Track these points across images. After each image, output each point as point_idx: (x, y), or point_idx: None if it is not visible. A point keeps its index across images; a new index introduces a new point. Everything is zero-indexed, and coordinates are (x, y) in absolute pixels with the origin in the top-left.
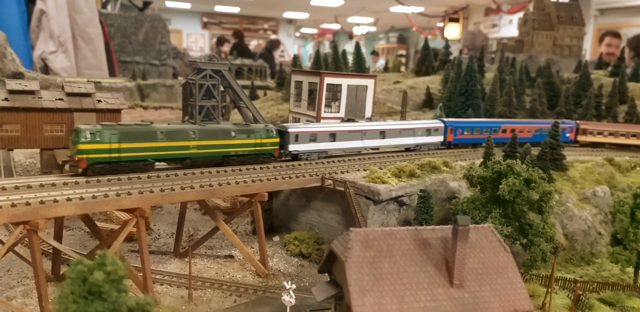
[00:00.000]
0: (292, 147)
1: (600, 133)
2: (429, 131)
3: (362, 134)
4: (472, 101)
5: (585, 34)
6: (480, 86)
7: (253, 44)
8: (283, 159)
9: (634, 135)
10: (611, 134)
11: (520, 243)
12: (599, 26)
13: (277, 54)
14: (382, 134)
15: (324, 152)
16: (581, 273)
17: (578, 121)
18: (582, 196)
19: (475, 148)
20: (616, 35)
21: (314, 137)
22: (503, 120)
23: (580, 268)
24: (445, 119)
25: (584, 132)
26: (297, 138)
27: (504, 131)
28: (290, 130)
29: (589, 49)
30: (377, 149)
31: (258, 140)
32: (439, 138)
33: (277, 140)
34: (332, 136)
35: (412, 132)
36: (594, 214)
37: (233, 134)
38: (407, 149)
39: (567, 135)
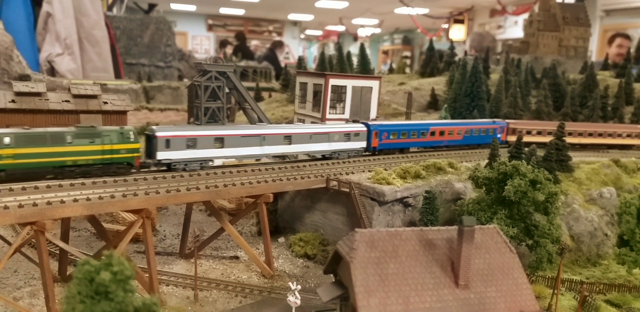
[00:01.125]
0: (162, 155)
1: (529, 132)
2: (348, 136)
3: (261, 139)
4: (478, 102)
5: (591, 35)
6: (485, 87)
7: (253, 44)
8: (153, 169)
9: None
10: (539, 132)
11: (526, 244)
12: (604, 27)
13: (281, 56)
14: (288, 139)
15: (207, 161)
16: (587, 275)
17: (508, 121)
18: (588, 197)
19: (403, 153)
20: (627, 36)
21: (192, 143)
22: (432, 121)
23: (587, 270)
24: (369, 122)
25: (514, 132)
26: (168, 144)
27: (433, 134)
28: (158, 134)
29: (595, 50)
30: (284, 157)
31: (108, 147)
32: (361, 144)
33: (137, 145)
34: (219, 141)
35: (327, 137)
36: (600, 215)
37: (69, 138)
38: (323, 157)
39: (499, 135)
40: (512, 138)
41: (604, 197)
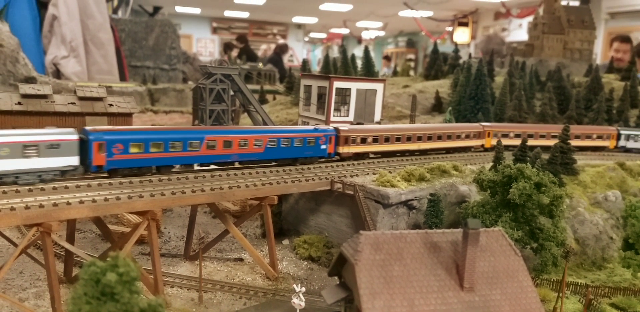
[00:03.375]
0: None
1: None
2: (37, 150)
3: None
4: (482, 105)
5: (595, 37)
6: (490, 90)
7: (263, 49)
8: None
9: (398, 139)
10: (375, 140)
11: (531, 247)
12: (609, 30)
13: (286, 59)
14: None
15: None
16: (592, 278)
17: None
18: (594, 201)
19: (150, 175)
20: (624, 40)
21: None
22: (209, 128)
23: (592, 273)
24: (88, 128)
25: (346, 141)
26: None
27: (212, 146)
28: None
29: (600, 53)
30: None
31: None
32: (64, 160)
33: None
34: None
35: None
36: (606, 218)
37: None
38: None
39: (323, 147)
40: (345, 149)
41: (609, 201)
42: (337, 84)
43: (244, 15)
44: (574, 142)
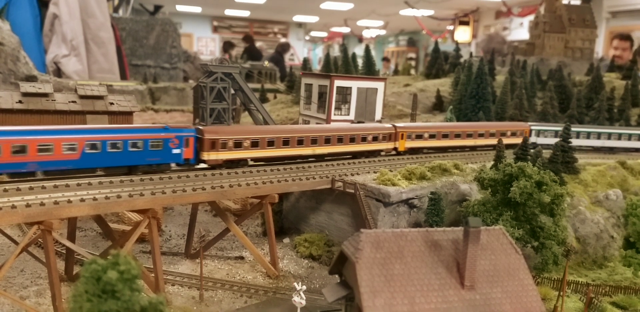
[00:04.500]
0: None
1: (238, 144)
2: None
3: None
4: (483, 104)
5: (597, 36)
6: (491, 89)
7: (257, 45)
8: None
9: (286, 142)
10: (255, 143)
11: (532, 246)
12: (610, 29)
13: (287, 57)
14: None
15: None
16: (593, 277)
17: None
18: (594, 199)
19: None
20: (623, 37)
21: None
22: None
23: (593, 272)
24: None
25: (213, 145)
26: None
27: None
28: None
29: (601, 52)
30: None
31: None
32: None
33: None
34: None
35: None
36: (607, 217)
37: None
38: None
39: (176, 151)
40: (212, 155)
41: (610, 199)
42: (338, 83)
43: (245, 14)
44: (488, 141)
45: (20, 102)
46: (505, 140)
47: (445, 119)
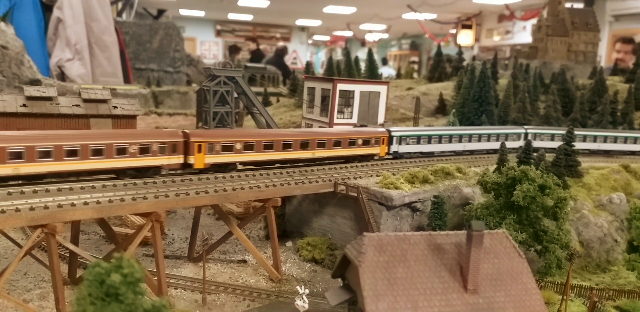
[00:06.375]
0: None
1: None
2: None
3: None
4: (486, 107)
5: (600, 40)
6: (493, 92)
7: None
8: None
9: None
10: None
11: (535, 250)
12: (614, 32)
13: (288, 61)
14: None
15: None
16: (597, 281)
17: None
18: (598, 203)
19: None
20: (626, 41)
21: None
22: None
23: (596, 276)
24: None
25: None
26: None
27: None
28: None
29: (604, 55)
30: None
31: None
32: None
33: None
34: None
35: None
36: (610, 221)
37: None
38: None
39: None
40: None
41: (614, 203)
42: (341, 86)
43: (248, 18)
44: (337, 151)
45: (24, 105)
46: (356, 151)
47: (448, 122)
